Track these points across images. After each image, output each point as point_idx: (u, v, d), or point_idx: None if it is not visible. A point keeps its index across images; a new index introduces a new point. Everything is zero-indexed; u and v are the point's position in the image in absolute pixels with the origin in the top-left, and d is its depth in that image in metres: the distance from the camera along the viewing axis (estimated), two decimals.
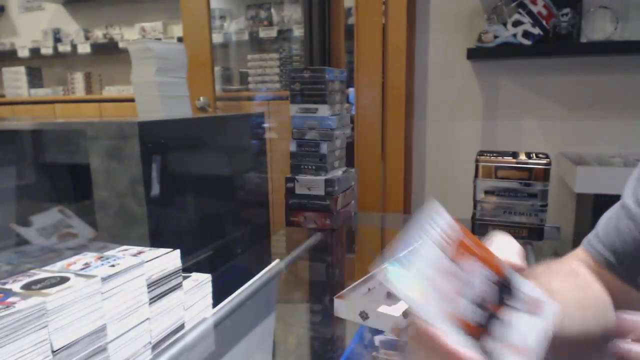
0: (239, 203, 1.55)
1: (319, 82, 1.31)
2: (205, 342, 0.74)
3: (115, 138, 1.09)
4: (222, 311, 0.81)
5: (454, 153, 1.98)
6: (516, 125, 1.89)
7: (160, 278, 0.65)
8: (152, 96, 1.42)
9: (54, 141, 1.24)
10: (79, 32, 3.62)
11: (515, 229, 1.23)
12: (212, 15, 2.80)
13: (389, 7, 1.82)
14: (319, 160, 1.34)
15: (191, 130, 1.36)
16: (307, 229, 1.34)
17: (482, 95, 1.91)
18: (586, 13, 1.69)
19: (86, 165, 1.12)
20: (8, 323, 0.45)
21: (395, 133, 1.88)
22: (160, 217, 1.15)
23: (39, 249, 0.95)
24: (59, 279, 0.53)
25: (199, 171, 1.35)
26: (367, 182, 1.90)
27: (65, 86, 3.68)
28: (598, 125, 1.79)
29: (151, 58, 1.39)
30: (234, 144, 1.55)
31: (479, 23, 1.84)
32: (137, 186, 1.08)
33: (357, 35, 1.86)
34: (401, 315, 0.67)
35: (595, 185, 1.48)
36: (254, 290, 0.92)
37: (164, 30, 3.38)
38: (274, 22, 3.03)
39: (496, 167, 1.22)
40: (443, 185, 2.00)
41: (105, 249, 0.64)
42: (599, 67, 1.76)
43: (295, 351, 0.82)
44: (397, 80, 1.85)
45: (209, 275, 0.78)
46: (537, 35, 1.66)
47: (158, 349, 0.66)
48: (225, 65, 3.16)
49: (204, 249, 1.31)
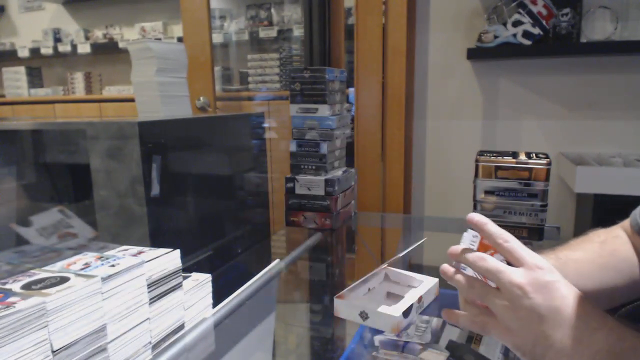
0: (239, 203, 1.55)
1: (319, 82, 1.31)
2: (205, 342, 0.74)
3: (115, 138, 1.09)
4: (222, 311, 0.81)
5: (454, 153, 1.98)
6: (516, 125, 1.89)
7: (160, 278, 0.65)
8: (152, 96, 1.42)
9: (54, 141, 1.24)
10: (79, 32, 3.62)
11: (515, 229, 1.23)
12: (212, 15, 2.80)
13: (389, 7, 1.82)
14: (319, 160, 1.34)
15: (191, 130, 1.36)
16: (307, 229, 1.34)
17: (482, 95, 1.91)
18: (586, 13, 1.69)
19: (86, 165, 1.12)
20: (8, 323, 0.45)
21: (395, 133, 1.88)
22: (160, 217, 1.15)
23: (39, 249, 0.95)
24: (59, 279, 0.53)
25: (199, 171, 1.35)
26: (367, 182, 1.90)
27: (65, 86, 3.68)
28: (598, 125, 1.79)
29: (151, 58, 1.39)
30: (234, 144, 1.55)
31: (479, 23, 1.84)
32: (137, 186, 1.08)
33: (357, 35, 1.86)
34: (401, 315, 0.67)
35: (595, 185, 1.48)
36: (254, 290, 0.92)
37: (164, 30, 3.38)
38: (274, 22, 3.03)
39: (496, 167, 1.22)
40: (443, 185, 2.00)
41: (105, 249, 0.65)
42: (599, 67, 1.76)
43: (295, 351, 0.82)
44: (397, 80, 1.85)
45: (209, 275, 0.78)
46: (537, 35, 1.66)
47: (158, 349, 0.66)
48: (225, 65, 3.16)
49: (204, 249, 1.31)
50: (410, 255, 1.24)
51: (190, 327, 0.73)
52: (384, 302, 0.72)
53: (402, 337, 0.69)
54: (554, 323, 0.47)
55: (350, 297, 0.75)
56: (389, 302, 0.73)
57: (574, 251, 0.69)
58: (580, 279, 0.63)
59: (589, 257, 0.69)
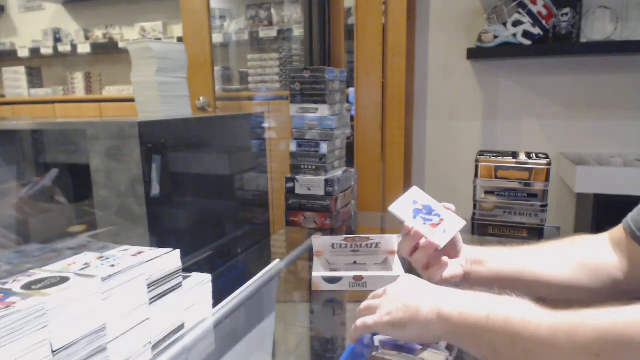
0: (239, 203, 1.55)
1: (319, 82, 1.31)
2: (205, 342, 0.74)
3: (115, 138, 1.09)
4: (222, 311, 0.81)
5: (454, 153, 1.98)
6: (516, 125, 1.89)
7: (160, 278, 0.65)
8: (152, 96, 1.42)
9: (54, 141, 1.24)
10: (79, 32, 3.62)
11: (515, 229, 1.23)
12: (212, 15, 2.80)
13: (389, 7, 1.82)
14: (319, 160, 1.34)
15: (191, 130, 1.36)
16: (307, 229, 1.34)
17: (482, 95, 1.91)
18: (586, 13, 1.69)
19: (86, 165, 1.12)
20: (8, 323, 0.45)
21: (395, 133, 1.88)
22: (160, 217, 1.15)
23: (39, 249, 0.95)
24: (59, 279, 0.53)
25: (199, 171, 1.35)
26: (367, 182, 1.90)
27: (65, 86, 3.68)
28: (598, 125, 1.79)
29: (151, 58, 1.39)
30: (234, 144, 1.55)
31: (479, 23, 1.84)
32: (137, 186, 1.08)
33: (357, 35, 1.86)
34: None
35: (595, 185, 1.48)
36: (254, 290, 0.92)
37: (164, 30, 3.38)
38: (274, 22, 3.03)
39: (496, 167, 1.22)
40: (443, 185, 2.00)
41: (105, 249, 0.65)
42: (599, 67, 1.76)
43: (295, 351, 0.82)
44: (397, 80, 1.85)
45: (209, 275, 0.78)
46: (537, 35, 1.66)
47: (158, 349, 0.66)
48: (225, 65, 3.16)
49: (204, 249, 1.31)
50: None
51: (190, 327, 0.73)
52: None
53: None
54: (410, 296, 0.60)
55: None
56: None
57: (538, 245, 0.77)
58: (532, 264, 0.72)
59: (550, 248, 0.75)
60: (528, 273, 0.72)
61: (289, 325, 0.93)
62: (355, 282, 0.95)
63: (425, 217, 0.77)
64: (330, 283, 0.96)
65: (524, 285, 0.71)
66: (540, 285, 0.71)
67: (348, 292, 0.96)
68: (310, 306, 0.99)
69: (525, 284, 0.71)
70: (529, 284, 0.71)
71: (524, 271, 0.72)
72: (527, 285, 0.71)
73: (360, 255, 1.04)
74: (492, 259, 0.75)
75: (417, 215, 0.77)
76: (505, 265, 0.74)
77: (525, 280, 0.71)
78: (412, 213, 0.78)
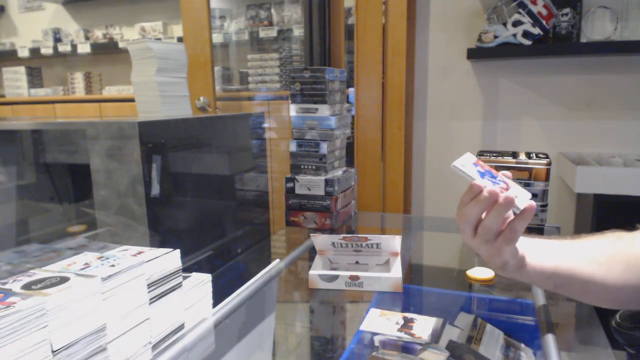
0: (239, 203, 1.55)
1: (319, 82, 1.31)
2: (205, 342, 0.74)
3: (115, 138, 1.09)
4: (222, 311, 0.81)
5: (454, 153, 1.97)
6: (516, 125, 1.89)
7: (160, 278, 0.65)
8: (152, 96, 1.42)
9: (54, 141, 1.24)
10: (79, 32, 3.62)
11: None
12: (212, 15, 2.80)
13: (389, 7, 1.82)
14: (319, 160, 1.34)
15: (191, 130, 1.36)
16: (307, 229, 1.34)
17: (482, 95, 1.91)
18: (586, 13, 1.69)
19: (86, 165, 1.12)
20: (8, 323, 0.45)
21: (395, 133, 1.88)
22: (160, 217, 1.15)
23: (39, 249, 0.95)
24: (59, 279, 0.53)
25: (199, 171, 1.35)
26: (367, 182, 1.90)
27: (65, 86, 3.68)
28: (598, 125, 1.79)
29: (151, 58, 1.39)
30: (234, 144, 1.55)
31: (479, 23, 1.84)
32: (137, 186, 1.08)
33: (357, 35, 1.86)
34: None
35: (595, 185, 1.48)
36: (254, 290, 0.92)
37: (164, 30, 3.38)
38: (274, 22, 3.03)
39: (496, 167, 1.22)
40: (443, 185, 2.00)
41: (105, 249, 0.65)
42: (599, 67, 1.76)
43: (295, 351, 0.82)
44: (397, 80, 1.85)
45: (209, 275, 0.78)
46: (537, 35, 1.66)
47: (158, 349, 0.66)
48: (225, 65, 3.16)
49: (204, 249, 1.31)
50: (410, 254, 1.24)
51: (190, 327, 0.73)
52: None
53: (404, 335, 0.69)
54: None
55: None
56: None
57: (583, 239, 0.72)
58: (586, 262, 0.68)
59: (599, 244, 0.71)
60: (579, 273, 0.68)
61: (289, 325, 0.93)
62: (352, 281, 0.95)
63: (492, 180, 0.66)
64: (326, 281, 0.96)
65: (575, 286, 0.69)
66: (592, 286, 0.68)
67: (346, 292, 0.96)
68: (310, 306, 0.99)
69: (577, 286, 0.68)
70: (582, 286, 0.69)
71: (574, 271, 0.68)
72: (577, 287, 0.69)
73: (362, 255, 1.04)
74: (543, 252, 0.70)
75: (484, 177, 0.67)
76: (558, 261, 0.69)
77: (578, 280, 0.68)
78: (477, 173, 0.67)
